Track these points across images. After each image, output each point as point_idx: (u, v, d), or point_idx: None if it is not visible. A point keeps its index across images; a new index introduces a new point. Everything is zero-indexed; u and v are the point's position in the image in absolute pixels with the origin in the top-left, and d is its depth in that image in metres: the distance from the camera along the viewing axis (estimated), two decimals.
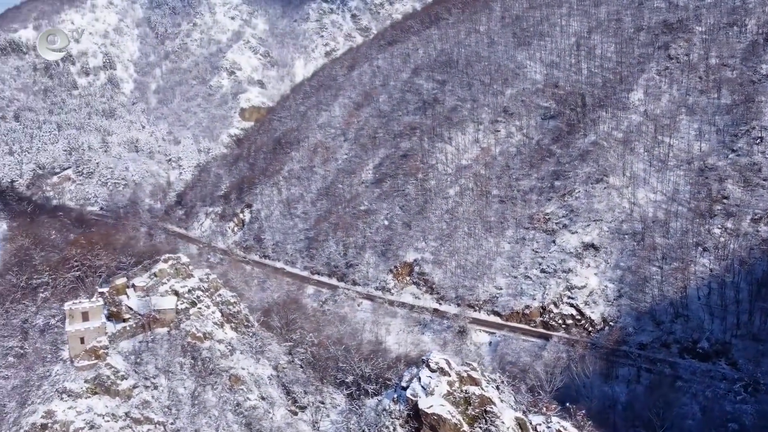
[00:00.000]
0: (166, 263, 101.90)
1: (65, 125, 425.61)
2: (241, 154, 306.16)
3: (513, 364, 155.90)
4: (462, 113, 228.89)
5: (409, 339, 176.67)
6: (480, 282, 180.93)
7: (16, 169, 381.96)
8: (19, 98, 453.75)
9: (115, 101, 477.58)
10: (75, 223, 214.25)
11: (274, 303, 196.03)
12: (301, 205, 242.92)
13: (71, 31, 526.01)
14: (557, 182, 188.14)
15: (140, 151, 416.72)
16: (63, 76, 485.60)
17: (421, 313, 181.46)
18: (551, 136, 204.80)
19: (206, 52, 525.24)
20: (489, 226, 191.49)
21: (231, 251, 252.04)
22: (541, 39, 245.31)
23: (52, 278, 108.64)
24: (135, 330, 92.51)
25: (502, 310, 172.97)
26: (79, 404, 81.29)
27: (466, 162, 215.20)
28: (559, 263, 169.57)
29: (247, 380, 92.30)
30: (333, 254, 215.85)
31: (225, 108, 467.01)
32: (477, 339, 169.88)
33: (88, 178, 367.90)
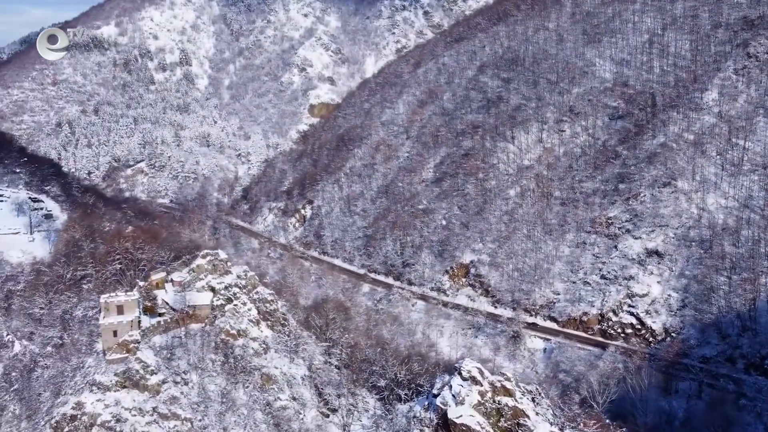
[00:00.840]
0: (204, 259, 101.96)
1: (141, 119, 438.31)
2: (305, 150, 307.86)
3: (566, 373, 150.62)
4: (526, 112, 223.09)
5: (462, 342, 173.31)
6: (537, 286, 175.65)
7: (94, 162, 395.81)
8: (100, 93, 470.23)
9: (189, 96, 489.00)
10: (139, 216, 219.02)
11: (323, 301, 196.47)
12: (361, 203, 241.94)
13: (150, 28, 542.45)
14: (622, 185, 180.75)
15: (211, 146, 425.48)
16: (141, 72, 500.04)
17: (476, 316, 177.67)
18: (618, 137, 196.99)
19: (279, 49, 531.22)
20: (549, 228, 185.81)
21: (291, 247, 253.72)
22: (612, 36, 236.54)
23: (96, 270, 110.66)
24: (169, 325, 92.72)
25: (559, 316, 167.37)
26: (107, 397, 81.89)
27: (528, 162, 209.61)
28: (621, 270, 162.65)
29: (279, 380, 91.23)
30: (390, 253, 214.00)
31: (295, 104, 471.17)
32: (531, 345, 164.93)
33: (160, 171, 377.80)
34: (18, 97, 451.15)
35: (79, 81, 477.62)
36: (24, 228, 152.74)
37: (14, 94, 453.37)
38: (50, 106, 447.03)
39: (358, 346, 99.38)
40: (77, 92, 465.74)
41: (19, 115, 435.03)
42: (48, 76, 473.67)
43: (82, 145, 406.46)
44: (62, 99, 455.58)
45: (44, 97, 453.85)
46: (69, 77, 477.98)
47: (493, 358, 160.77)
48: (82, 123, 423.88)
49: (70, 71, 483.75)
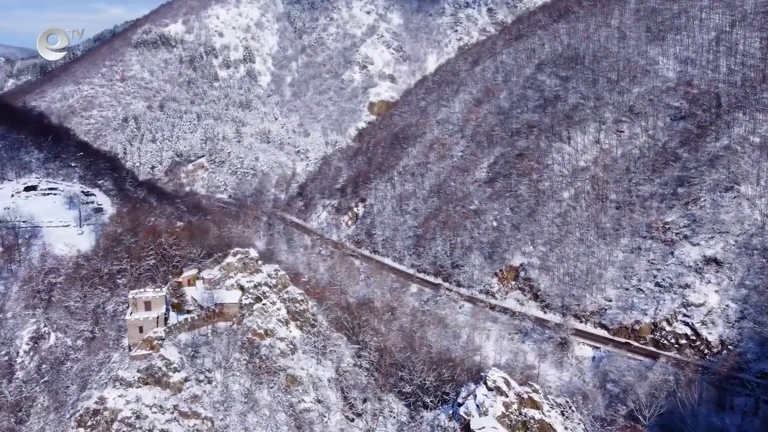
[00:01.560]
0: (235, 257, 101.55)
1: (204, 115, 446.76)
2: (360, 148, 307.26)
3: (614, 383, 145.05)
4: (584, 112, 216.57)
5: (508, 347, 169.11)
6: (588, 292, 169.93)
7: (157, 156, 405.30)
8: (166, 89, 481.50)
9: (251, 93, 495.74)
10: (191, 211, 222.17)
11: (369, 300, 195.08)
12: (413, 202, 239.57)
13: (216, 25, 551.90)
14: (681, 189, 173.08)
15: (271, 142, 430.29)
16: (206, 69, 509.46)
17: (523, 321, 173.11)
18: (679, 139, 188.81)
19: (341, 47, 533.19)
20: (603, 232, 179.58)
21: (342, 244, 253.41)
22: (677, 33, 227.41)
23: (131, 265, 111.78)
24: (197, 322, 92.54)
25: (610, 323, 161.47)
26: (129, 393, 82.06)
27: (583, 163, 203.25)
28: (676, 277, 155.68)
29: (305, 381, 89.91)
30: (439, 253, 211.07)
31: (355, 102, 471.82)
32: (580, 352, 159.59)
33: (220, 167, 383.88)
34: (88, 92, 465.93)
35: (146, 77, 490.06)
36: (74, 221, 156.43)
37: (84, 90, 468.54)
38: (118, 101, 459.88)
39: (387, 349, 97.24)
40: (144, 88, 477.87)
41: (88, 110, 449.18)
42: (117, 72, 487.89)
43: (146, 140, 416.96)
44: (129, 95, 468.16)
45: (112, 93, 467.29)
46: (137, 73, 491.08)
47: (538, 365, 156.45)
48: (148, 118, 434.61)
49: (138, 68, 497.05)
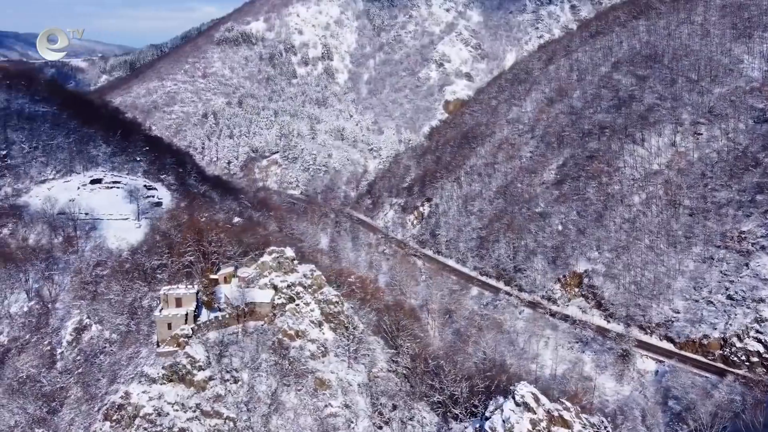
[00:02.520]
0: (270, 256, 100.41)
1: (281, 112, 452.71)
2: (430, 147, 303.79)
3: (677, 400, 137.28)
4: (660, 113, 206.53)
5: (567, 356, 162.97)
6: (655, 302, 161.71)
7: (234, 152, 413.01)
8: (245, 86, 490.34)
9: (328, 91, 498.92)
10: (255, 207, 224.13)
11: (426, 302, 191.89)
12: (478, 203, 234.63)
13: (296, 23, 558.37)
14: (760, 196, 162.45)
15: (345, 140, 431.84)
16: (284, 66, 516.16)
17: (584, 329, 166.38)
18: (762, 143, 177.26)
19: (418, 44, 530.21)
20: (673, 240, 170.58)
21: (406, 244, 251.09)
22: (765, 30, 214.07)
23: (171, 261, 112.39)
24: (228, 321, 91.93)
25: (677, 336, 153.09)
26: (152, 390, 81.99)
27: (657, 167, 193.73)
28: (750, 290, 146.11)
29: (334, 385, 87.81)
30: (502, 256, 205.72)
31: (430, 100, 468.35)
32: (642, 365, 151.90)
33: (293, 163, 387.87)
34: (171, 88, 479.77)
35: (226, 74, 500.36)
36: (132, 215, 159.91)
37: (168, 86, 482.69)
38: (199, 97, 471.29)
39: (420, 356, 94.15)
40: (224, 85, 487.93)
41: (170, 105, 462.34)
42: (199, 69, 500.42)
43: (224, 136, 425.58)
44: (210, 91, 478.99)
45: (194, 89, 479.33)
46: (218, 70, 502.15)
47: (595, 377, 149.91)
48: (226, 114, 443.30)
49: (219, 65, 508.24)
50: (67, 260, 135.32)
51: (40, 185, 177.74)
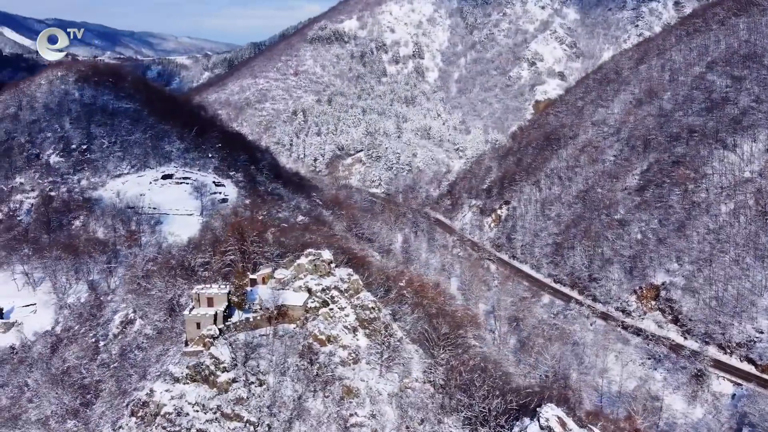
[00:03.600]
0: (306, 258, 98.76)
1: (369, 110, 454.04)
2: (512, 148, 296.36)
3: (753, 428, 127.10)
4: (755, 116, 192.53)
5: (637, 372, 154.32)
6: (737, 320, 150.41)
7: (320, 149, 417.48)
8: (335, 84, 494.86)
9: (417, 89, 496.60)
10: (328, 205, 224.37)
11: (494, 308, 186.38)
12: (556, 207, 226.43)
13: (388, 21, 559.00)
14: None
15: (431, 139, 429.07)
16: (375, 64, 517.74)
17: (658, 345, 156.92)
18: None
19: (511, 43, 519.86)
20: (762, 254, 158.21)
21: (481, 247, 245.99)
22: None
23: (214, 259, 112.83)
24: (259, 322, 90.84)
25: (759, 358, 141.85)
26: (175, 389, 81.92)
27: (748, 174, 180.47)
28: None
29: (362, 393, 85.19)
30: (577, 264, 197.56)
31: (520, 100, 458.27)
32: (718, 388, 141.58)
33: (376, 162, 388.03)
34: (263, 86, 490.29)
35: (317, 72, 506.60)
36: (197, 211, 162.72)
37: (260, 84, 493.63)
38: (289, 95, 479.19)
39: (456, 367, 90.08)
40: (315, 83, 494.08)
41: (262, 102, 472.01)
42: (291, 67, 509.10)
43: (312, 133, 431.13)
44: (301, 89, 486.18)
45: (285, 87, 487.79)
46: (309, 68, 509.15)
47: (665, 397, 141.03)
48: (315, 112, 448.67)
49: (311, 63, 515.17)
50: (127, 254, 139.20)
51: (115, 179, 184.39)
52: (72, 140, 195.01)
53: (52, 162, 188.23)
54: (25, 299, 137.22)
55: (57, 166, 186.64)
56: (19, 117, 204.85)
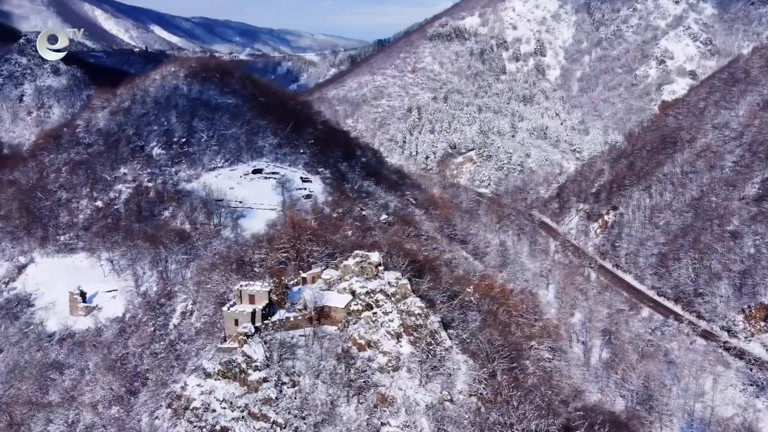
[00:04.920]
0: (353, 260, 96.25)
1: (485, 108, 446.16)
2: (626, 150, 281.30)
3: None
4: None
5: (737, 399, 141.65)
6: None
7: (433, 147, 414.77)
8: (452, 81, 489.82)
9: (536, 88, 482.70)
10: (423, 204, 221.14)
11: (588, 320, 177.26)
12: (666, 215, 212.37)
13: (511, 18, 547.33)
14: None
15: (547, 139, 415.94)
16: (494, 62, 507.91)
17: (763, 371, 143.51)
18: None
19: (639, 39, 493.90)
20: None
21: (585, 254, 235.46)
22: None
23: (269, 256, 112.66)
24: (299, 323, 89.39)
25: None
26: (206, 384, 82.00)
27: None
28: None
29: (398, 403, 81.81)
30: (683, 277, 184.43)
31: (645, 100, 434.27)
32: None
33: (487, 161, 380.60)
34: (380, 82, 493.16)
35: (435, 69, 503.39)
36: (279, 206, 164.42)
37: (377, 80, 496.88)
38: (406, 92, 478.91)
39: (505, 383, 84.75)
40: (432, 80, 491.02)
41: (378, 99, 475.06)
42: (409, 64, 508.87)
43: (425, 131, 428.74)
44: (417, 86, 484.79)
45: (402, 84, 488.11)
46: (427, 65, 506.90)
47: (759, 430, 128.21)
48: (430, 109, 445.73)
49: (429, 60, 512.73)
50: (203, 246, 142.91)
51: (209, 172, 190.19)
52: (174, 133, 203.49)
53: (154, 154, 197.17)
54: (109, 285, 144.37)
55: (158, 158, 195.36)
56: (131, 110, 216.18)
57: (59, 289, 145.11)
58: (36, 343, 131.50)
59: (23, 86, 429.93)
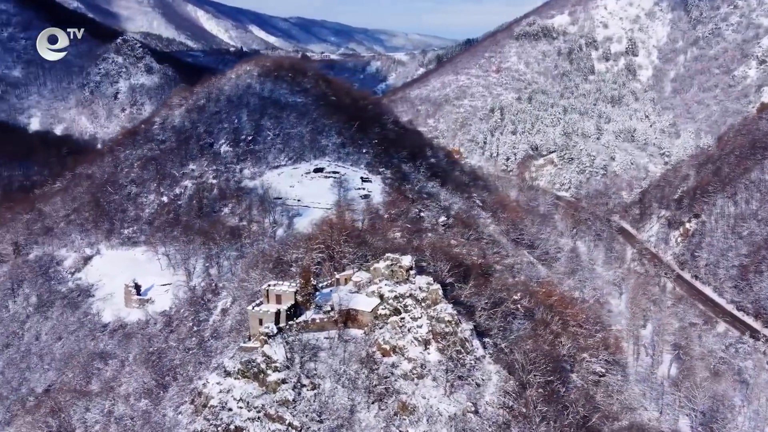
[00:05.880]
0: (384, 263, 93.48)
1: (570, 109, 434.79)
2: (713, 155, 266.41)
3: None
4: None
5: None
6: None
7: (514, 148, 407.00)
8: (538, 81, 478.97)
9: (626, 88, 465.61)
10: (491, 206, 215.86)
11: (658, 333, 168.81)
12: (750, 225, 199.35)
13: (602, 16, 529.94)
14: None
15: (634, 142, 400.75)
16: (582, 61, 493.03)
17: None
18: None
19: (739, 38, 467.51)
20: None
21: (663, 263, 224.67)
22: None
23: (306, 256, 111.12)
24: (325, 324, 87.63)
25: None
26: (225, 383, 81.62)
27: None
28: None
29: (419, 411, 78.82)
30: (765, 291, 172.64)
31: (743, 102, 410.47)
32: None
33: (568, 164, 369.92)
34: (463, 82, 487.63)
35: (521, 69, 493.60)
36: (335, 206, 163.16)
37: (461, 80, 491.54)
38: (489, 92, 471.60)
39: (530, 398, 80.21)
40: (517, 80, 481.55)
41: (460, 99, 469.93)
42: (494, 63, 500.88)
43: (507, 132, 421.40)
44: (501, 86, 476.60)
45: (486, 84, 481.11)
46: (512, 65, 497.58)
47: None
48: (513, 110, 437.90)
49: (515, 59, 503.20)
50: (250, 243, 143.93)
51: (272, 170, 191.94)
52: (242, 131, 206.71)
53: (222, 151, 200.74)
54: (164, 279, 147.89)
55: (224, 156, 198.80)
56: (205, 108, 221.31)
57: (119, 281, 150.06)
58: (91, 333, 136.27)
59: (118, 84, 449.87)
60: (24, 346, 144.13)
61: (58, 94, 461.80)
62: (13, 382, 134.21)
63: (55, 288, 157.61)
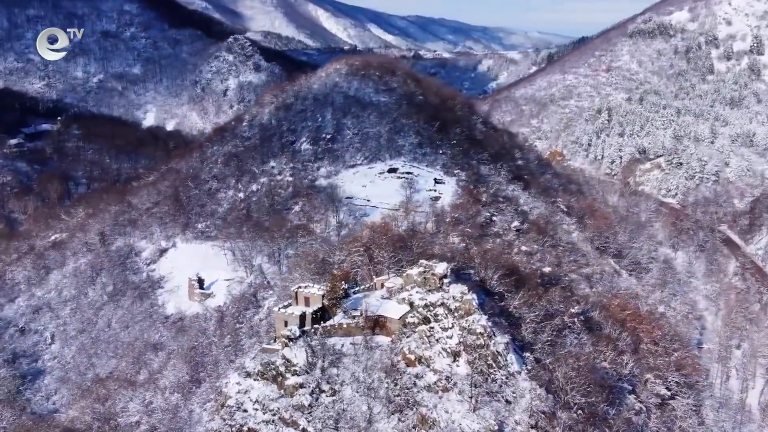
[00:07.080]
0: (417, 269, 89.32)
1: (684, 111, 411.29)
2: None
3: None
4: None
5: None
6: None
7: (620, 151, 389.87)
8: (651, 81, 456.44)
9: (748, 89, 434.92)
10: (577, 212, 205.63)
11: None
12: None
13: (725, 12, 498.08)
14: None
15: (753, 147, 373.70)
16: (700, 60, 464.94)
17: None
18: None
19: None
20: None
21: (766, 276, 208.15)
22: None
23: (347, 258, 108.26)
24: (352, 330, 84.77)
25: None
26: (244, 383, 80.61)
27: None
28: None
29: (440, 426, 74.32)
30: None
31: None
32: None
33: (677, 168, 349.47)
34: (570, 82, 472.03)
35: (633, 68, 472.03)
36: (402, 207, 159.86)
37: (568, 79, 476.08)
38: (597, 92, 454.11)
39: (565, 420, 74.09)
40: (628, 80, 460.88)
41: (566, 99, 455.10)
42: (603, 62, 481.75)
43: (614, 133, 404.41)
44: (611, 86, 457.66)
45: (594, 83, 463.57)
46: (624, 64, 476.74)
47: None
48: (622, 111, 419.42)
49: (627, 58, 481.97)
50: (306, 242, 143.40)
51: (348, 169, 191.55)
52: (324, 130, 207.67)
53: (302, 149, 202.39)
54: (229, 274, 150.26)
55: (304, 154, 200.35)
56: (292, 107, 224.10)
57: (187, 273, 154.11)
58: (153, 324, 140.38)
59: (228, 81, 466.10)
60: (95, 333, 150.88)
61: (173, 91, 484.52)
62: (81, 366, 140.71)
63: (130, 278, 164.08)
